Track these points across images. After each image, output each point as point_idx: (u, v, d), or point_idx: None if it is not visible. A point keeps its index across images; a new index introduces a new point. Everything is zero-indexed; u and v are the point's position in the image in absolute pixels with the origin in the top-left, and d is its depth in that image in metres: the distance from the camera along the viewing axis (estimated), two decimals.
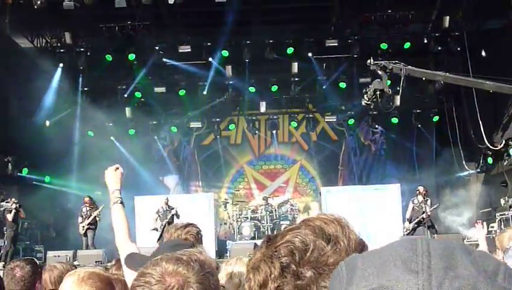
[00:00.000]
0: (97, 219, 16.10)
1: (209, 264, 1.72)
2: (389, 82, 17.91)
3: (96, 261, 14.28)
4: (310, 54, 18.94)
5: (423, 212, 15.76)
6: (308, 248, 1.23)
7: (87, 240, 16.08)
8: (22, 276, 3.95)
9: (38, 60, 18.16)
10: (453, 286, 0.71)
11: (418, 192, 16.16)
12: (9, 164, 16.48)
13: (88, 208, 16.17)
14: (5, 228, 15.13)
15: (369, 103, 14.28)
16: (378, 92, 13.67)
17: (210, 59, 19.17)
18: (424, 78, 16.15)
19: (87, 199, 16.33)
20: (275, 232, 1.35)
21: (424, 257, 0.74)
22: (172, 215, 16.11)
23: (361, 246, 1.28)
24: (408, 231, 15.84)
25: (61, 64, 18.76)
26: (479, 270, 0.74)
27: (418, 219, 15.59)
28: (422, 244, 0.77)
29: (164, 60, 19.06)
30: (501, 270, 0.76)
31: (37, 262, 4.30)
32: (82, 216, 16.14)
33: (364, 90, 14.42)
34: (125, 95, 20.35)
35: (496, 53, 17.45)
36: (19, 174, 16.92)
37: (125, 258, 3.23)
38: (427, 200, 16.02)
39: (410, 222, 15.88)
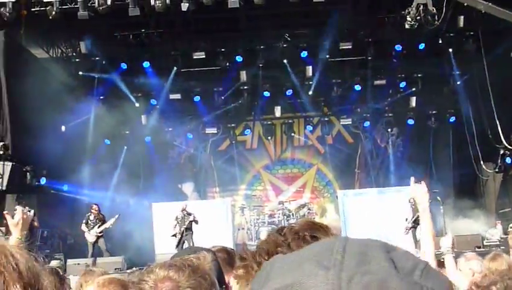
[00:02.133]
0: (107, 227, 16.25)
1: (203, 269, 1.73)
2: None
3: (115, 269, 14.35)
4: (324, 57, 18.92)
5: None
6: None
7: (98, 248, 16.17)
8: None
9: (54, 69, 18.32)
10: (363, 280, 0.72)
11: None
12: (28, 174, 16.62)
13: (96, 217, 16.28)
14: None
15: (413, 23, 13.56)
16: (421, 8, 13.10)
17: (224, 65, 19.22)
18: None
19: (95, 207, 16.44)
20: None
21: (337, 254, 0.75)
22: (191, 221, 16.16)
23: None
24: (407, 230, 15.59)
25: (77, 74, 18.93)
26: (393, 267, 0.74)
27: (415, 218, 15.32)
28: (339, 243, 0.77)
29: (179, 66, 19.13)
30: (419, 267, 0.76)
31: (60, 271, 4.32)
32: (88, 223, 16.23)
33: (405, 11, 13.83)
34: (141, 103, 20.48)
35: None
36: (37, 183, 17.06)
37: None
38: None
39: (407, 221, 15.62)
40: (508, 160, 18.05)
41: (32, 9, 15.42)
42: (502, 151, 18.16)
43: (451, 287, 0.80)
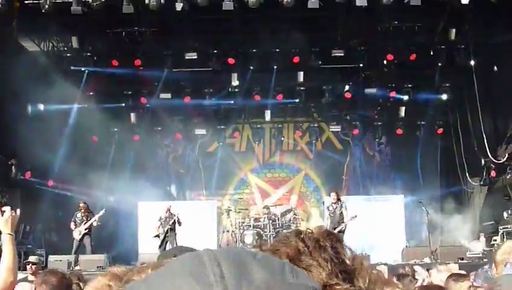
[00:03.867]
0: (94, 224, 16.08)
1: None
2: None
3: (98, 267, 14.28)
4: (316, 64, 18.96)
5: (340, 220, 15.49)
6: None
7: (83, 246, 16.02)
8: (54, 287, 3.96)
9: (45, 63, 18.22)
10: None
11: (332, 198, 15.93)
12: (13, 167, 16.50)
13: (83, 214, 16.15)
14: None
15: None
16: None
17: (216, 66, 19.19)
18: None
19: (82, 205, 16.29)
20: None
21: (214, 267, 0.71)
22: (174, 221, 16.11)
23: None
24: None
25: (67, 69, 18.82)
26: (269, 271, 0.73)
27: (339, 229, 15.28)
28: (208, 254, 0.74)
29: (170, 66, 19.09)
30: (286, 268, 0.75)
31: (66, 274, 4.34)
32: (75, 221, 16.10)
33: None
34: (131, 101, 20.42)
35: (503, 66, 17.47)
36: (22, 177, 16.94)
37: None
38: (342, 205, 15.82)
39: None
40: (493, 173, 18.18)
41: (26, 2, 15.34)
42: (487, 165, 18.29)
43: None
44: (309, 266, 0.93)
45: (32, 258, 10.97)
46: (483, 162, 18.40)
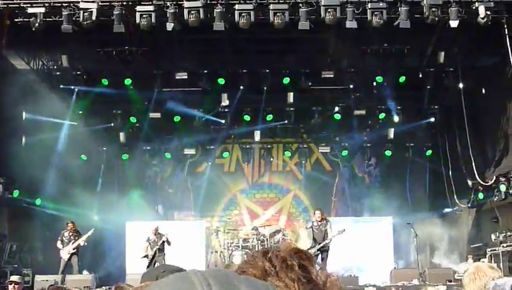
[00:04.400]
0: (82, 244, 15.93)
1: None
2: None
3: (84, 287, 14.12)
4: (305, 85, 19.03)
5: (325, 238, 15.45)
6: None
7: (69, 266, 15.84)
8: None
9: (34, 82, 18.17)
10: None
11: (317, 217, 15.92)
12: (0, 185, 16.35)
13: (71, 233, 16.00)
14: None
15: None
16: None
17: (206, 86, 19.22)
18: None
19: (71, 225, 16.16)
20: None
21: (204, 286, 0.72)
22: (163, 242, 15.99)
23: None
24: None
25: (57, 87, 18.76)
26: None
27: (322, 245, 15.33)
28: (196, 275, 0.74)
29: (160, 85, 19.08)
30: (270, 289, 0.76)
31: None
32: (63, 241, 15.95)
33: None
34: (120, 120, 20.37)
35: (490, 89, 17.65)
36: (9, 195, 16.78)
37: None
38: (327, 223, 15.79)
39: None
40: (480, 195, 18.25)
41: (16, 20, 15.31)
42: (475, 187, 18.36)
43: None
44: (276, 287, 0.91)
45: (14, 278, 10.84)
46: (471, 184, 18.47)
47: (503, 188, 16.80)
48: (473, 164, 17.75)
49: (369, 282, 14.71)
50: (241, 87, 19.12)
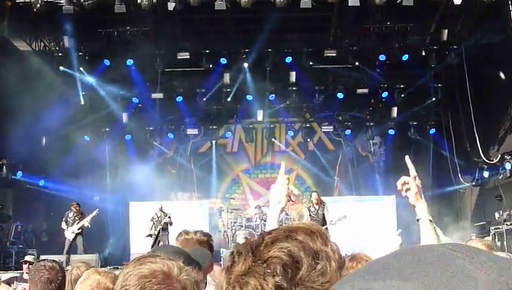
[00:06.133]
0: (86, 224, 15.99)
1: (156, 275, 1.76)
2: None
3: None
4: (308, 64, 18.96)
5: (323, 223, 15.17)
6: (300, 266, 1.19)
7: (74, 246, 15.94)
8: (49, 278, 3.97)
9: (36, 63, 18.12)
10: None
11: (314, 199, 15.70)
12: (4, 167, 16.40)
13: (75, 214, 16.06)
14: None
15: None
16: None
17: (208, 66, 19.16)
18: None
19: (74, 205, 16.19)
20: (256, 238, 1.30)
21: (482, 257, 0.69)
22: (166, 222, 16.06)
23: (342, 262, 1.25)
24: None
25: (59, 68, 18.72)
26: None
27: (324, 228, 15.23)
28: (453, 248, 0.71)
29: (162, 66, 19.04)
30: None
31: (62, 264, 4.34)
32: (67, 221, 16.02)
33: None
34: (122, 101, 20.37)
35: (495, 67, 17.53)
36: (13, 177, 16.83)
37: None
38: (324, 207, 15.65)
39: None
40: (485, 174, 18.24)
41: (17, 1, 15.23)
42: (479, 165, 18.35)
43: None
44: None
45: (29, 258, 11.08)
46: (475, 162, 18.45)
47: (508, 166, 16.77)
48: (478, 141, 17.71)
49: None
50: (244, 67, 19.06)
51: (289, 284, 1.17)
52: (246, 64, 19.05)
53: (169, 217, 16.07)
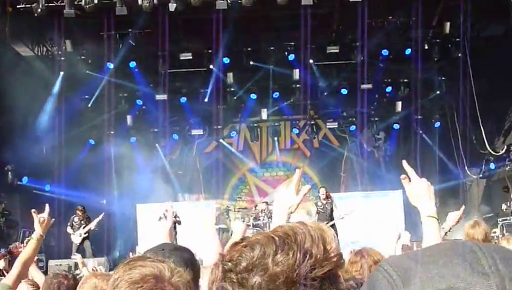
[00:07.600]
0: (92, 228, 16.01)
1: (147, 280, 1.73)
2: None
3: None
4: (311, 61, 18.93)
5: (331, 218, 15.21)
6: (255, 253, 1.20)
7: (82, 250, 15.94)
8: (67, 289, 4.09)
9: (39, 68, 18.15)
10: None
11: (322, 194, 15.74)
12: (9, 173, 16.42)
13: (80, 219, 16.08)
14: None
15: None
16: None
17: (211, 66, 19.16)
18: None
19: (80, 209, 16.20)
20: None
21: (488, 259, 0.71)
22: (175, 222, 16.04)
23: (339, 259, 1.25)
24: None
25: (61, 73, 18.75)
26: None
27: (331, 224, 15.12)
28: (480, 248, 0.74)
29: (165, 67, 19.03)
30: None
31: (76, 276, 4.49)
32: (72, 226, 16.03)
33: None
34: (126, 103, 20.39)
35: (498, 59, 17.45)
36: (19, 183, 16.86)
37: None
38: (332, 202, 15.61)
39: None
40: (491, 166, 18.18)
41: (18, 6, 15.25)
42: (486, 157, 18.28)
43: None
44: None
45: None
46: (481, 154, 18.39)
47: None
48: (483, 133, 17.65)
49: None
50: (247, 66, 19.03)
51: (241, 271, 1.19)
52: (248, 63, 19.02)
53: (177, 217, 16.04)
